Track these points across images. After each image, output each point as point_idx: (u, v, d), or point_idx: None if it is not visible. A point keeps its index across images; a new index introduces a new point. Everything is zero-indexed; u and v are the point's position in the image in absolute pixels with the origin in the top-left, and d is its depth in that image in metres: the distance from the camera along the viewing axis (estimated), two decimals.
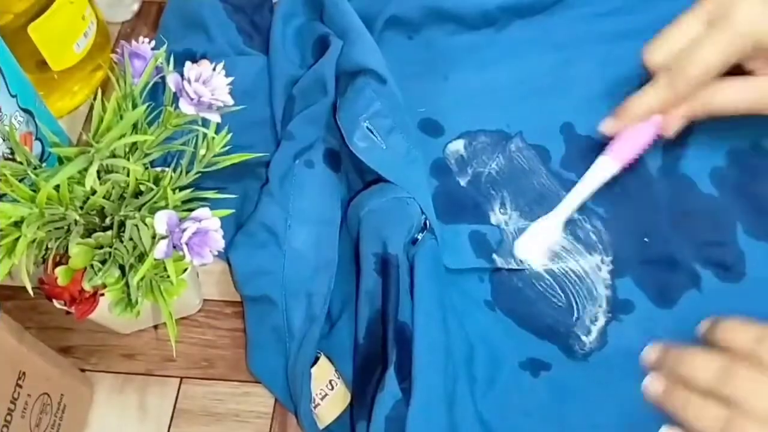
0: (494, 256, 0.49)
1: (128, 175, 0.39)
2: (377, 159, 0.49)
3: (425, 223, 0.48)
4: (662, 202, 0.51)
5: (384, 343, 0.44)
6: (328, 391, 0.46)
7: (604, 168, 0.49)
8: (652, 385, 0.39)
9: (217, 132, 0.41)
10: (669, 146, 0.53)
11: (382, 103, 0.50)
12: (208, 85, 0.38)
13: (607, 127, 0.50)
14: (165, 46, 0.42)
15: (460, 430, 0.43)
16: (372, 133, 0.50)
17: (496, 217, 0.51)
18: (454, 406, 0.43)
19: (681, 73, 0.45)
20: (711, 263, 0.49)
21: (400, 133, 0.50)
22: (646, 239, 0.50)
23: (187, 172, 0.42)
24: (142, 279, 0.39)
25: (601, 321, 0.47)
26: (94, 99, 0.40)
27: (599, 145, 0.52)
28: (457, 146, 0.54)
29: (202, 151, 0.41)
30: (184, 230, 0.36)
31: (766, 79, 0.46)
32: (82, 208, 0.39)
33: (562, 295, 0.48)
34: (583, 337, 0.47)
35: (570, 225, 0.50)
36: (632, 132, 0.49)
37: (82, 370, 0.48)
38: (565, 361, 0.46)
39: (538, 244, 0.50)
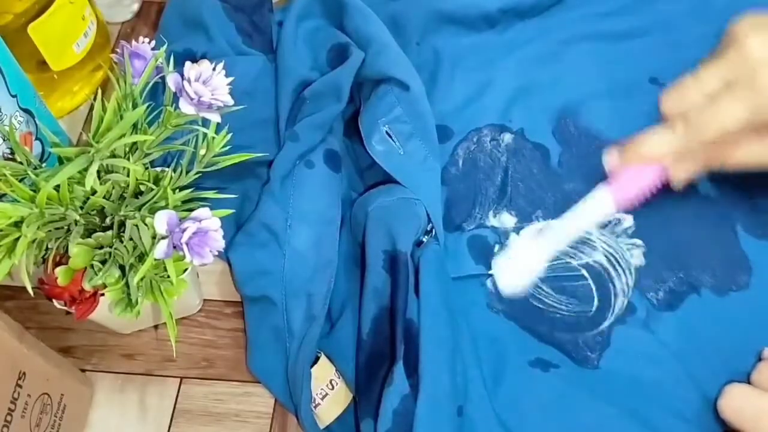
0: (492, 261, 0.49)
1: (128, 175, 0.39)
2: (394, 164, 0.49)
3: (430, 228, 0.48)
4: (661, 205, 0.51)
5: (392, 340, 0.44)
6: (329, 390, 0.46)
7: (602, 204, 0.47)
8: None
9: (217, 132, 0.41)
10: None
11: (404, 108, 0.50)
12: (208, 85, 0.38)
13: (611, 160, 0.47)
14: (165, 46, 0.42)
15: (477, 428, 0.43)
16: (391, 137, 0.50)
17: (497, 218, 0.51)
18: (468, 404, 0.43)
19: (699, 130, 0.43)
20: (712, 263, 0.49)
21: (420, 140, 0.50)
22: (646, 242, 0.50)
23: (187, 172, 0.42)
24: (142, 279, 0.39)
25: (605, 329, 0.47)
26: (94, 99, 0.40)
27: (597, 148, 0.52)
28: (461, 148, 0.54)
29: (202, 151, 0.41)
30: (184, 230, 0.36)
31: None
32: (82, 208, 0.39)
33: (563, 302, 0.48)
34: (589, 353, 0.47)
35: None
36: (637, 172, 0.46)
37: (82, 370, 0.48)
38: (572, 365, 0.46)
39: (519, 271, 0.48)
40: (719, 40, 0.45)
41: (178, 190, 0.40)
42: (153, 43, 0.41)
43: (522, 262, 0.49)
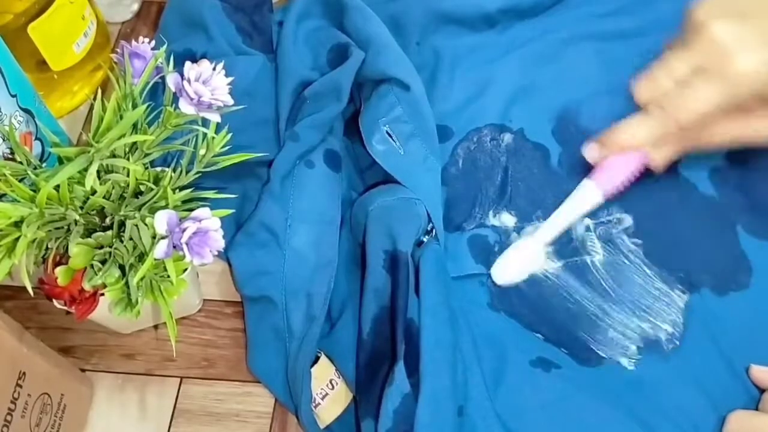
0: (493, 260, 0.49)
1: (128, 175, 0.39)
2: (394, 163, 0.49)
3: (431, 228, 0.48)
4: (661, 205, 0.51)
5: (392, 339, 0.44)
6: (329, 390, 0.46)
7: (588, 195, 0.48)
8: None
9: (217, 132, 0.41)
10: None
11: (404, 109, 0.50)
12: (208, 85, 0.38)
13: (591, 153, 0.49)
14: (165, 46, 0.42)
15: (477, 428, 0.43)
16: (391, 137, 0.50)
17: (497, 218, 0.51)
18: (469, 404, 0.43)
19: (674, 116, 0.45)
20: (712, 263, 0.49)
21: (420, 140, 0.50)
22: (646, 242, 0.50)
23: (187, 172, 0.42)
24: (142, 279, 0.39)
25: (609, 329, 0.47)
26: (94, 99, 0.40)
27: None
28: (461, 148, 0.54)
29: (202, 151, 0.41)
30: (184, 230, 0.36)
31: (759, 118, 0.45)
32: (82, 208, 0.39)
33: (566, 299, 0.48)
34: (592, 353, 0.47)
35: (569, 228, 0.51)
36: (618, 161, 0.48)
37: (82, 370, 0.48)
38: (574, 365, 0.46)
39: (517, 269, 0.49)
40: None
41: (178, 190, 0.40)
42: (153, 43, 0.41)
43: (519, 259, 0.49)
